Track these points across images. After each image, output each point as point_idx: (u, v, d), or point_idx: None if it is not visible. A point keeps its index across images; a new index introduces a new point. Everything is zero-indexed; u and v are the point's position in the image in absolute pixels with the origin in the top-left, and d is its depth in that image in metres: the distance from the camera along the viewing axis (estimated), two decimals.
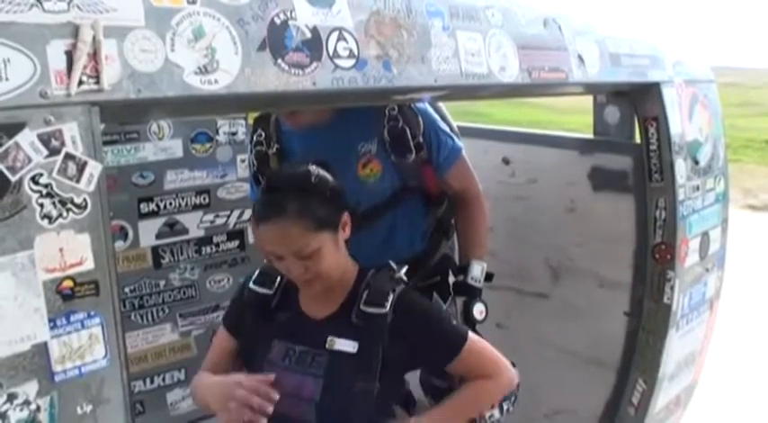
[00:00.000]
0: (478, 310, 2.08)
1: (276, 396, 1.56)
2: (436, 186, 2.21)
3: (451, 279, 2.15)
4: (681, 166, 2.31)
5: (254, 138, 2.21)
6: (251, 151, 2.24)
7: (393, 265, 1.74)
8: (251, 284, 1.78)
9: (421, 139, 2.07)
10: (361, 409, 1.61)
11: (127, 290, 2.83)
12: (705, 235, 2.48)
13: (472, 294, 2.10)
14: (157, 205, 2.89)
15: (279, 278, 1.76)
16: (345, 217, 1.66)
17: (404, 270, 1.72)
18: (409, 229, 2.22)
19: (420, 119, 2.08)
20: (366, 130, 2.07)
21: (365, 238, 1.98)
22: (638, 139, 2.41)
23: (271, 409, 1.54)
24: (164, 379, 2.98)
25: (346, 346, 1.62)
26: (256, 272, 1.81)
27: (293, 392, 1.64)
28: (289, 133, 2.14)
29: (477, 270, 2.12)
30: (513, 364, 1.84)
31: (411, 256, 2.21)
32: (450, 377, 1.83)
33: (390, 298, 1.64)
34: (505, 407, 1.79)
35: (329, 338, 1.63)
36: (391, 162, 2.09)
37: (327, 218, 1.60)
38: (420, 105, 2.11)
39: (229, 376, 1.67)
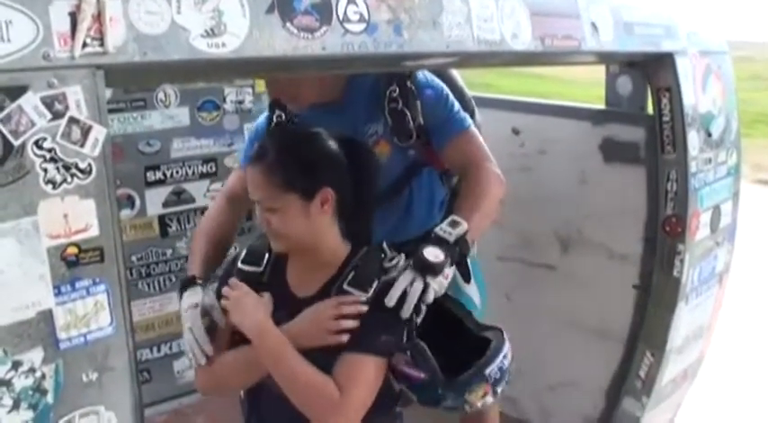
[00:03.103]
0: (432, 253, 1.65)
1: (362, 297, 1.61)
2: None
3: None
4: (693, 138, 2.28)
5: (274, 118, 2.16)
6: (268, 132, 2.19)
7: (386, 248, 1.71)
8: (240, 264, 1.77)
9: (421, 121, 2.01)
10: None
11: (134, 258, 2.83)
12: (716, 208, 2.46)
13: (434, 242, 1.70)
14: (164, 174, 2.88)
15: (267, 255, 1.75)
16: (326, 193, 1.60)
17: (395, 259, 1.68)
18: (427, 200, 2.18)
19: (418, 102, 2.00)
20: (371, 111, 2.02)
21: (386, 214, 1.98)
22: (650, 111, 2.38)
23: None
24: (170, 347, 2.99)
25: None
26: (243, 251, 1.80)
27: None
28: (302, 115, 2.11)
29: (452, 224, 1.74)
30: (502, 331, 1.69)
31: (431, 227, 2.19)
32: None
33: (375, 285, 1.61)
34: (499, 390, 1.72)
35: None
36: (396, 143, 2.06)
37: (299, 180, 1.58)
38: (424, 81, 2.03)
39: (305, 317, 1.62)
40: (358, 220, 1.72)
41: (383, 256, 1.69)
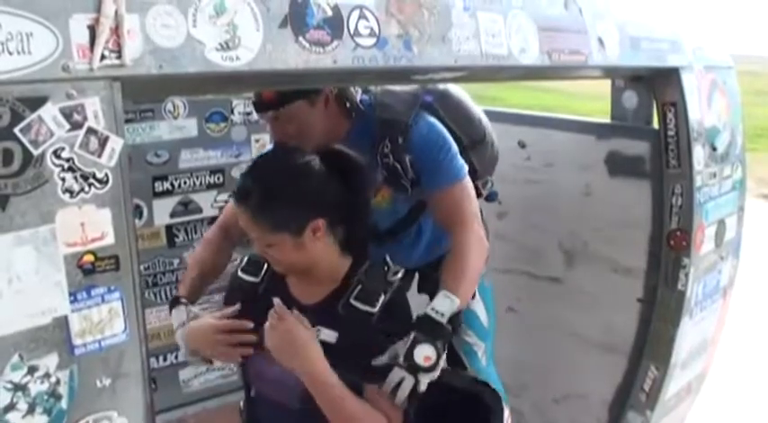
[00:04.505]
0: (422, 355, 1.61)
1: (250, 324, 1.68)
2: None
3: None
4: (699, 153, 2.30)
5: None
6: None
7: (389, 261, 1.71)
8: (239, 272, 1.80)
9: (413, 175, 1.99)
10: None
11: (141, 268, 2.82)
12: (721, 222, 2.47)
13: (427, 331, 1.66)
14: (172, 184, 2.89)
15: (266, 265, 1.77)
16: (317, 224, 1.59)
17: (400, 273, 1.69)
18: (434, 231, 2.20)
19: (408, 158, 1.98)
20: (372, 160, 1.99)
21: (393, 249, 1.98)
22: (655, 125, 2.39)
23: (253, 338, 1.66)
24: (176, 356, 2.99)
25: (329, 336, 1.60)
26: (245, 260, 1.82)
27: (278, 378, 1.65)
28: None
29: (443, 303, 1.72)
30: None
31: (442, 253, 2.21)
32: None
33: (381, 299, 1.62)
34: None
35: (316, 328, 1.60)
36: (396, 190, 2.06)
37: (286, 221, 1.58)
38: (419, 134, 2.00)
39: (202, 322, 1.76)
40: (353, 232, 1.71)
41: (386, 269, 1.70)
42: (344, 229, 1.68)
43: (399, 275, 1.69)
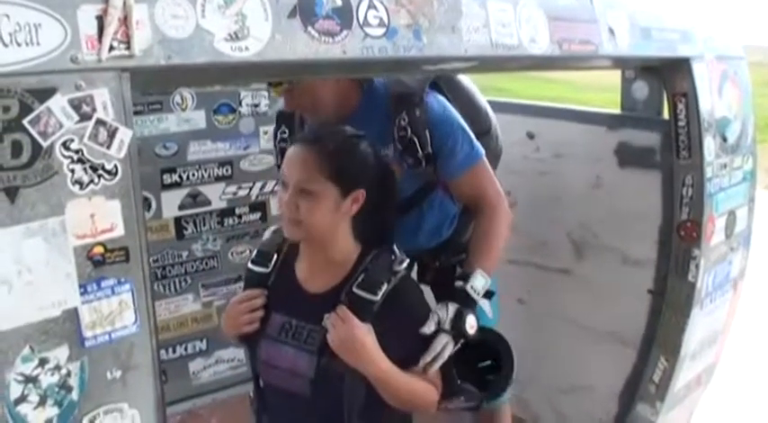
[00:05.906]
0: (470, 324, 1.81)
1: (264, 292, 1.75)
2: None
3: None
4: (709, 144, 2.28)
5: (278, 134, 2.20)
6: (275, 146, 2.24)
7: (396, 250, 1.73)
8: (249, 264, 1.83)
9: (430, 150, 2.00)
10: (353, 390, 1.63)
11: (150, 260, 2.84)
12: (731, 213, 2.45)
13: (467, 304, 1.85)
14: (180, 176, 2.90)
15: (275, 256, 1.80)
16: (358, 194, 1.68)
17: (405, 262, 1.72)
18: (438, 217, 2.20)
19: (427, 132, 1.99)
20: (382, 134, 2.00)
21: (396, 229, 1.98)
22: (666, 115, 2.38)
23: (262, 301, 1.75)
24: (186, 348, 3.01)
25: None
26: (255, 252, 1.86)
27: (289, 367, 1.68)
28: None
29: (479, 281, 1.90)
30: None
31: (441, 241, 2.20)
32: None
33: (384, 288, 1.65)
34: None
35: (326, 316, 1.62)
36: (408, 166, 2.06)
37: (342, 175, 1.64)
38: (435, 110, 2.02)
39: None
40: (376, 226, 1.75)
41: (393, 258, 1.72)
42: (366, 217, 1.73)
43: (405, 265, 1.72)
